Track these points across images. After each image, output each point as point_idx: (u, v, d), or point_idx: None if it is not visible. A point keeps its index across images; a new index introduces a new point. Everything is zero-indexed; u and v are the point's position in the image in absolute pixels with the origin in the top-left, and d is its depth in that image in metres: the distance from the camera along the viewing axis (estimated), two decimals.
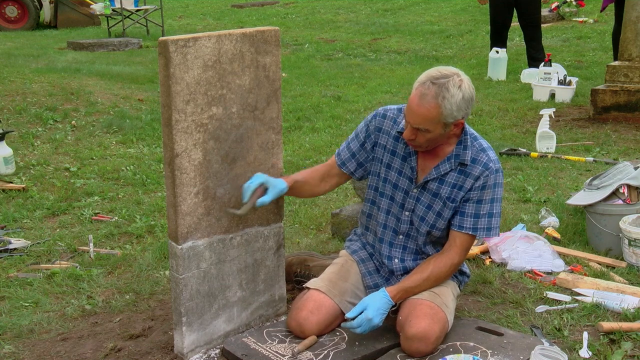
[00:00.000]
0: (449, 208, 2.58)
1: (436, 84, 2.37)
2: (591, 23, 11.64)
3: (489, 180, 2.53)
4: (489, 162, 2.53)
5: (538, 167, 4.92)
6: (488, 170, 2.53)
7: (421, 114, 2.39)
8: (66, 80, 7.60)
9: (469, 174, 2.54)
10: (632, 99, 5.98)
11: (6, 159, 4.91)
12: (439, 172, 2.57)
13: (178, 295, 2.52)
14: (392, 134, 2.64)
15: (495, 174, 2.54)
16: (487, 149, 2.57)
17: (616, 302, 2.87)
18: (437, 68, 2.45)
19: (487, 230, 2.58)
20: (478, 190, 2.54)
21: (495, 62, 8.07)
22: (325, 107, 6.93)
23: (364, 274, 2.76)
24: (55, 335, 2.85)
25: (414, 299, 2.57)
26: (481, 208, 2.56)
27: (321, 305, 2.62)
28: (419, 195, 2.62)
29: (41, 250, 3.70)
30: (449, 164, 2.56)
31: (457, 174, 2.56)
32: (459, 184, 2.56)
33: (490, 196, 2.56)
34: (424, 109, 2.38)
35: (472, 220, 2.56)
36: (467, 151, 2.54)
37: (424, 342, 2.46)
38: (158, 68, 2.38)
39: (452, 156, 2.56)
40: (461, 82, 2.39)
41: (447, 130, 2.46)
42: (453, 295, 2.68)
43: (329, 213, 3.96)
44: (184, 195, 2.43)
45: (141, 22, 12.45)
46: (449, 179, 2.57)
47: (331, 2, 15.92)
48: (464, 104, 2.40)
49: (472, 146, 2.55)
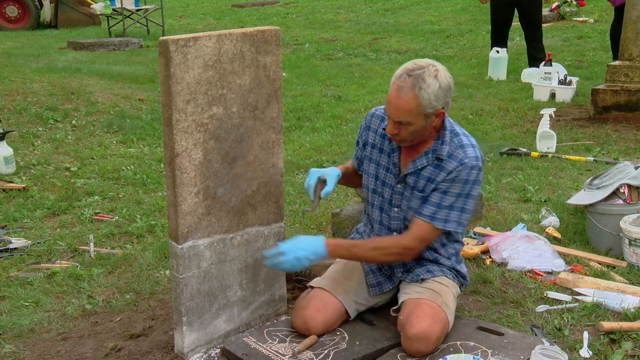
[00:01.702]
0: (417, 197, 2.58)
1: (412, 75, 2.40)
2: (592, 23, 11.64)
3: (461, 175, 2.50)
4: (465, 158, 2.50)
5: (538, 166, 4.92)
6: (462, 165, 2.50)
7: (400, 107, 2.41)
8: (66, 80, 7.60)
9: (443, 167, 2.53)
10: (632, 98, 5.98)
11: (7, 158, 4.92)
12: (415, 167, 2.58)
13: (178, 295, 2.52)
14: (379, 131, 2.68)
15: (468, 169, 2.50)
16: (467, 146, 2.53)
17: (616, 301, 2.87)
18: (413, 61, 2.47)
19: (444, 222, 2.53)
20: (447, 182, 2.51)
21: (495, 61, 8.07)
22: (326, 107, 6.93)
23: (366, 272, 2.77)
24: (56, 335, 2.85)
25: (415, 298, 2.57)
26: (445, 199, 2.52)
27: (327, 304, 2.63)
28: (403, 190, 2.63)
29: (41, 249, 3.70)
30: (426, 158, 2.56)
31: (433, 168, 2.56)
32: (433, 177, 2.55)
33: (457, 190, 2.51)
34: (402, 101, 2.40)
35: (432, 209, 2.53)
36: (444, 146, 2.53)
37: (425, 342, 2.46)
38: (158, 68, 2.38)
39: (430, 151, 2.56)
40: (437, 71, 2.41)
41: (429, 122, 2.47)
42: (454, 295, 2.68)
43: (330, 213, 3.96)
44: (185, 194, 2.43)
45: (141, 21, 12.45)
46: (424, 172, 2.57)
47: (331, 2, 15.91)
48: (442, 92, 2.41)
49: (450, 142, 2.54)
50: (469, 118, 6.37)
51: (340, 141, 5.72)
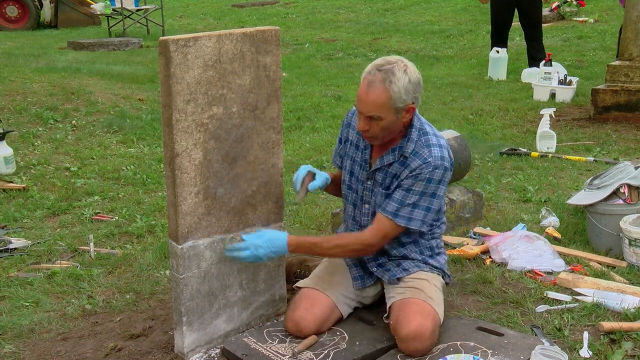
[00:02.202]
0: (381, 194, 2.62)
1: (382, 70, 2.43)
2: (592, 23, 11.64)
3: (423, 174, 2.52)
4: (429, 157, 2.52)
5: (538, 166, 4.92)
6: (425, 164, 2.52)
7: (371, 101, 2.44)
8: (66, 80, 7.60)
9: (407, 165, 2.56)
10: (632, 98, 5.98)
11: (7, 158, 4.92)
12: (382, 163, 2.62)
13: (178, 295, 2.52)
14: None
15: (432, 169, 2.51)
16: (433, 146, 2.55)
17: (616, 301, 2.87)
18: (382, 57, 2.51)
19: (407, 220, 2.55)
20: (410, 179, 2.54)
21: (495, 61, 8.07)
22: (326, 107, 6.93)
23: (349, 266, 2.79)
24: (56, 335, 2.85)
25: (399, 300, 2.59)
26: (408, 197, 2.54)
27: (315, 301, 2.64)
28: (372, 187, 2.67)
29: (42, 249, 3.70)
30: (393, 155, 2.60)
31: (398, 164, 2.59)
32: (397, 174, 2.59)
33: (420, 189, 2.53)
34: (373, 95, 2.43)
35: (395, 206, 2.55)
36: (410, 144, 2.56)
37: (419, 340, 2.46)
38: (158, 68, 2.38)
39: (397, 148, 2.59)
40: (406, 66, 2.46)
41: (399, 117, 2.49)
42: (435, 286, 2.68)
43: (330, 213, 3.97)
44: (185, 194, 2.43)
45: (141, 21, 12.45)
46: (391, 169, 2.61)
47: (331, 2, 15.92)
48: (412, 87, 2.45)
49: (417, 140, 2.57)
50: (469, 118, 6.37)
51: None
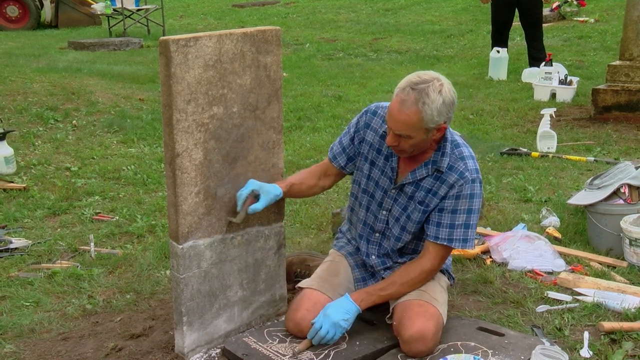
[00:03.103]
0: (419, 211, 2.57)
1: (416, 89, 2.35)
2: (592, 23, 11.63)
3: (464, 190, 2.49)
4: (465, 171, 2.49)
5: (539, 166, 4.92)
6: (463, 179, 2.49)
7: (402, 121, 2.37)
8: (67, 79, 7.60)
9: (444, 180, 2.51)
10: (633, 98, 5.98)
11: (7, 158, 4.92)
12: (414, 177, 2.56)
13: (179, 295, 2.52)
14: (379, 132, 2.63)
15: (471, 183, 2.49)
16: (467, 158, 2.52)
17: (617, 301, 2.87)
18: (417, 73, 2.42)
19: (462, 242, 2.53)
20: (453, 199, 2.50)
21: (496, 61, 8.07)
22: (326, 107, 6.93)
23: (352, 267, 2.79)
24: (56, 335, 2.85)
25: (403, 300, 2.58)
26: (457, 218, 2.51)
27: (316, 302, 2.62)
28: (397, 196, 2.62)
29: (42, 249, 3.70)
30: (426, 169, 2.54)
31: (432, 179, 2.54)
32: (434, 189, 2.54)
33: (466, 206, 2.51)
34: (404, 115, 2.36)
35: (447, 231, 2.53)
36: (444, 158, 2.51)
37: (422, 342, 2.46)
38: (159, 68, 2.38)
39: (430, 162, 2.53)
40: (441, 86, 2.37)
41: (430, 135, 2.43)
42: (441, 287, 2.68)
43: (330, 213, 3.96)
44: (185, 194, 2.43)
45: (142, 21, 12.45)
46: (424, 184, 2.55)
47: (332, 2, 15.92)
48: (445, 108, 2.37)
49: (451, 153, 2.52)
50: (470, 118, 6.37)
51: None
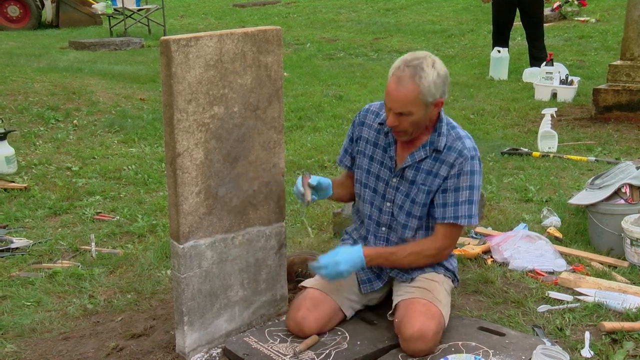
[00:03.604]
0: (422, 192, 2.61)
1: (410, 66, 2.44)
2: (593, 22, 11.63)
3: (465, 167, 2.55)
4: (464, 149, 2.56)
5: (540, 166, 4.92)
6: (462, 157, 2.55)
7: (401, 97, 2.45)
8: (68, 79, 7.61)
9: (443, 160, 2.57)
10: (634, 98, 5.97)
11: (8, 158, 4.92)
12: (414, 159, 2.61)
13: (180, 295, 2.52)
14: (374, 126, 2.72)
15: (470, 160, 2.56)
16: (464, 137, 2.59)
17: (618, 301, 2.86)
18: (409, 53, 2.52)
19: (468, 218, 2.58)
20: (454, 178, 2.56)
21: (497, 61, 8.07)
22: (327, 107, 6.93)
23: (357, 269, 2.77)
24: (57, 335, 2.85)
25: (406, 299, 2.58)
26: (460, 196, 2.57)
27: (318, 303, 2.63)
28: (398, 184, 2.66)
29: (43, 249, 3.70)
30: (424, 151, 2.60)
31: (431, 160, 2.59)
32: (434, 171, 2.59)
33: (467, 183, 2.56)
34: (403, 90, 2.44)
35: (452, 209, 2.57)
36: (441, 137, 2.57)
37: (422, 341, 2.46)
38: (160, 67, 2.38)
39: (427, 144, 2.59)
40: (434, 61, 2.47)
41: (429, 112, 2.50)
42: (445, 290, 2.68)
43: (331, 212, 3.96)
44: (186, 194, 2.43)
45: (143, 21, 12.45)
46: (424, 166, 2.61)
47: (333, 2, 15.92)
48: (440, 81, 2.46)
49: (447, 134, 2.59)
50: (471, 118, 6.36)
51: (342, 141, 5.66)
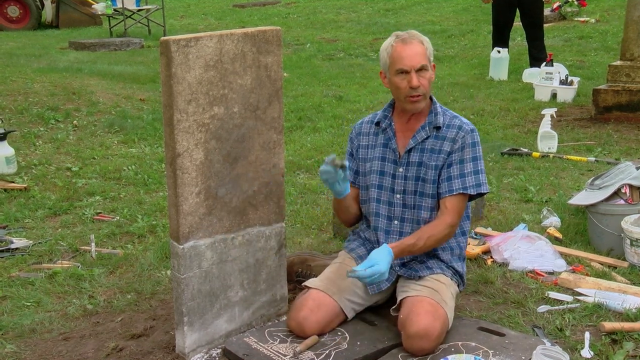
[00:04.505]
0: (431, 168, 2.68)
1: (402, 33, 2.66)
2: (593, 23, 11.63)
3: (466, 139, 2.67)
4: (462, 124, 2.70)
5: (540, 167, 4.92)
6: (463, 131, 2.68)
7: (415, 52, 2.60)
8: (68, 80, 7.61)
9: (444, 137, 2.69)
10: (634, 98, 5.97)
11: (8, 158, 4.92)
12: (416, 141, 2.70)
13: (179, 295, 2.52)
14: (371, 131, 2.82)
15: (471, 133, 2.69)
16: (459, 116, 2.75)
17: (618, 302, 2.86)
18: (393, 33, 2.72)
19: (476, 187, 2.67)
20: (458, 152, 2.67)
21: (497, 62, 8.07)
22: (327, 107, 6.93)
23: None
24: (57, 335, 2.85)
25: (413, 296, 2.58)
26: (465, 167, 2.67)
27: (320, 304, 2.63)
28: (406, 172, 2.72)
29: (43, 249, 3.70)
30: (424, 131, 2.70)
31: (433, 139, 2.70)
32: (437, 147, 2.69)
33: (471, 154, 2.67)
34: (414, 46, 2.61)
35: (459, 181, 2.66)
36: (438, 116, 2.71)
37: (426, 339, 2.46)
38: (160, 68, 2.38)
39: (426, 124, 2.71)
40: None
41: (431, 74, 2.65)
42: (451, 294, 2.69)
43: (331, 213, 3.96)
44: (186, 195, 2.43)
45: (143, 22, 12.46)
46: (427, 145, 2.70)
47: (332, 2, 15.92)
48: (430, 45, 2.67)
49: (443, 114, 2.73)
50: (470, 118, 6.35)
51: (342, 141, 5.72)
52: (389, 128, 2.76)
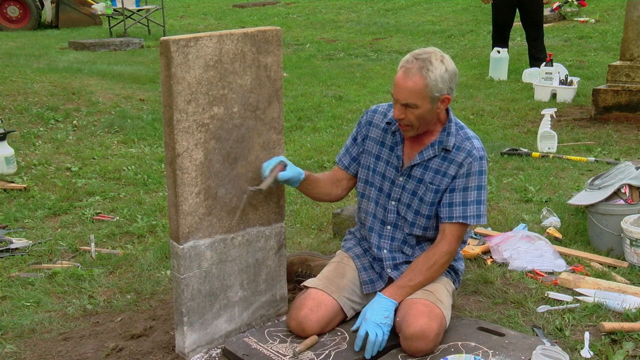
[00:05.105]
0: (430, 191, 2.63)
1: (419, 59, 2.47)
2: (593, 23, 11.64)
3: (473, 167, 2.59)
4: (473, 149, 2.60)
5: (539, 167, 4.92)
6: (471, 157, 2.59)
7: (408, 88, 2.47)
8: (67, 80, 7.61)
9: (452, 160, 2.60)
10: (633, 98, 5.98)
11: (8, 158, 4.92)
12: (422, 158, 2.64)
13: (179, 295, 2.52)
14: (381, 126, 2.74)
15: (479, 161, 2.59)
16: (472, 138, 2.63)
17: (618, 302, 2.86)
18: (420, 48, 2.55)
19: (476, 217, 2.61)
20: (463, 178, 2.59)
21: (496, 62, 8.07)
22: (327, 107, 6.93)
23: (359, 269, 2.78)
24: (57, 335, 2.85)
25: (408, 299, 2.58)
26: (468, 195, 2.60)
27: (320, 303, 2.63)
28: (405, 183, 2.68)
29: (42, 250, 3.70)
30: (433, 150, 2.62)
31: (440, 160, 2.62)
32: (443, 170, 2.61)
33: (476, 183, 2.60)
34: (410, 82, 2.46)
35: (461, 209, 2.60)
36: (450, 137, 2.60)
37: (424, 341, 2.46)
38: (159, 68, 2.38)
39: (436, 142, 2.62)
40: (443, 57, 2.50)
41: (435, 107, 2.52)
42: (447, 291, 2.69)
43: (330, 213, 3.96)
44: (186, 195, 2.43)
45: (142, 22, 12.46)
46: (432, 164, 2.63)
47: (332, 2, 15.92)
48: (448, 76, 2.48)
49: (456, 134, 2.62)
50: (470, 118, 6.37)
51: (341, 141, 5.71)
52: (398, 132, 2.68)
